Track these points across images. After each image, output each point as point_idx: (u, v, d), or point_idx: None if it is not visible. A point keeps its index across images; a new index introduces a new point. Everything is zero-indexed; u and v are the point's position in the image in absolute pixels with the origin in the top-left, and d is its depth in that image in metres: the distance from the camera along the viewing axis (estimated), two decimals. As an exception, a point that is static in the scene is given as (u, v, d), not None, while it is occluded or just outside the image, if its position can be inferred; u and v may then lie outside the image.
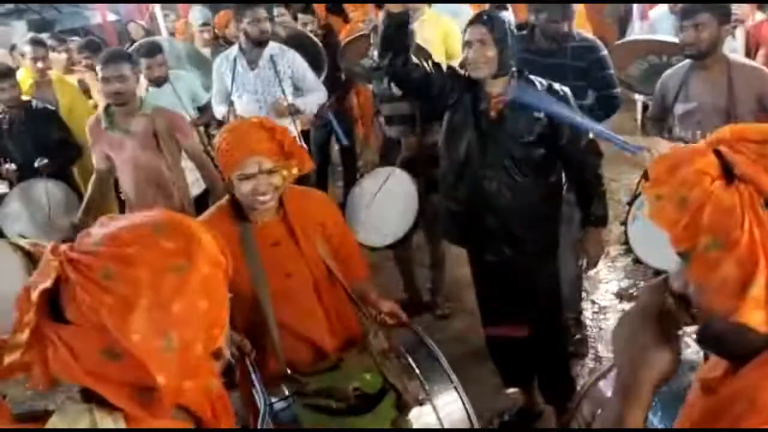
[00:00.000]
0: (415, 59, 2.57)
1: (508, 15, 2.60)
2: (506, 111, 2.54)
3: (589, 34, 3.50)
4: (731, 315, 0.81)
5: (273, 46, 3.97)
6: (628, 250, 3.12)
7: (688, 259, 0.85)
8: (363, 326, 2.13)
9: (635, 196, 3.03)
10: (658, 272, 2.72)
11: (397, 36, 2.50)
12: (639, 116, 4.31)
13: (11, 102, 3.98)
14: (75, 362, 0.79)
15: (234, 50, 4.01)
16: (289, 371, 1.96)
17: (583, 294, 3.80)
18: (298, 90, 4.02)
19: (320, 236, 2.14)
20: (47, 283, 0.79)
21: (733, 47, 3.77)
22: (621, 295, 3.94)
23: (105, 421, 0.80)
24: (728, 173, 0.84)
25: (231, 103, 3.88)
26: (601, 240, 2.79)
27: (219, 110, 4.03)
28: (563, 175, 2.72)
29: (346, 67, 4.43)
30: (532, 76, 2.58)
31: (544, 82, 2.57)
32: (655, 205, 0.87)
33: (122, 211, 3.74)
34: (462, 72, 2.63)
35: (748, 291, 0.80)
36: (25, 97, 4.14)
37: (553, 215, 2.74)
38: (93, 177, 3.38)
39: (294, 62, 3.97)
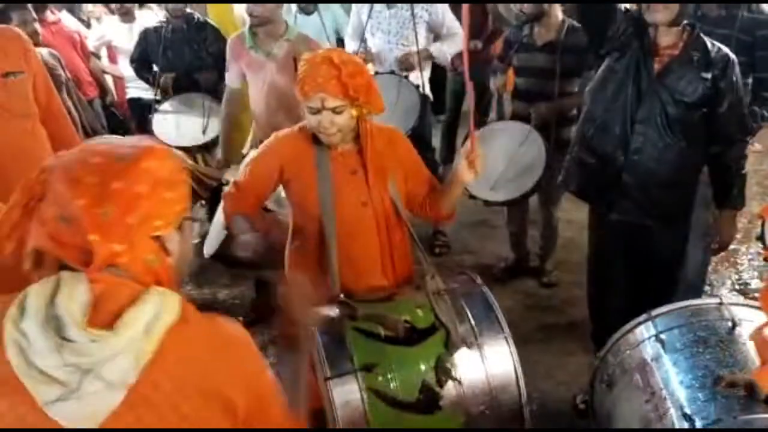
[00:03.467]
0: None
1: None
2: (672, 65, 2.43)
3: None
4: None
5: None
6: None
7: None
8: (420, 269, 2.11)
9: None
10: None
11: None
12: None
13: (175, 11, 4.13)
14: (41, 227, 0.98)
15: (384, -18, 3.92)
16: (342, 296, 2.00)
17: (707, 288, 3.49)
18: (434, 34, 3.92)
19: (400, 173, 2.14)
20: None
21: None
22: (741, 292, 3.62)
23: (68, 278, 0.98)
24: None
25: (364, 40, 3.89)
26: (735, 223, 2.67)
27: (350, 45, 4.03)
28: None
29: (495, 11, 4.27)
30: (704, 36, 2.44)
31: (715, 44, 2.44)
32: None
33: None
34: (636, 16, 2.50)
35: None
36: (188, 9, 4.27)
37: (692, 184, 2.63)
38: (225, 99, 3.50)
39: (433, 5, 3.86)
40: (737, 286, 3.77)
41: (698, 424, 1.64)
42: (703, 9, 2.99)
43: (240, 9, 4.27)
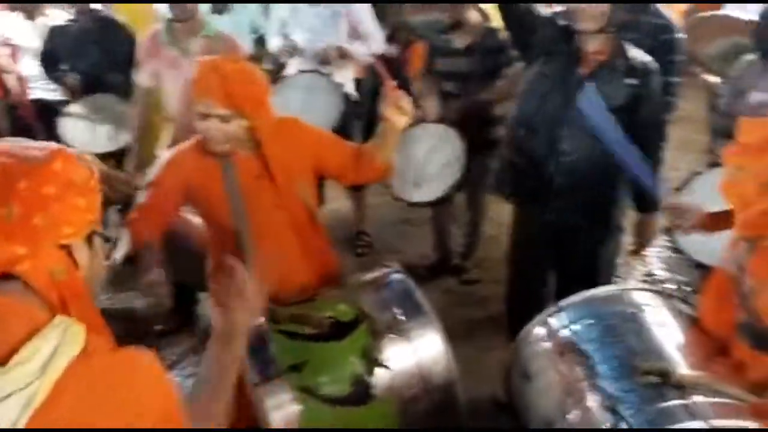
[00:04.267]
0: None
1: None
2: (599, 71, 2.50)
3: (667, 11, 3.26)
4: None
5: None
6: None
7: (751, 248, 0.75)
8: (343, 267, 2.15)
9: (686, 182, 2.86)
10: (699, 265, 2.58)
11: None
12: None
13: (82, 9, 3.98)
14: None
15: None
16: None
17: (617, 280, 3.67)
18: (354, 34, 3.94)
19: (308, 162, 2.10)
20: None
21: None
22: (650, 283, 3.78)
23: None
24: None
25: (286, 37, 3.87)
26: (655, 225, 2.75)
27: (273, 42, 4.00)
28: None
29: (402, 21, 4.33)
30: (625, 43, 2.54)
31: (637, 50, 2.54)
32: (733, 176, 0.77)
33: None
34: (562, 23, 2.58)
35: None
36: (96, 6, 4.10)
37: (620, 187, 2.69)
38: (137, 99, 3.37)
39: (354, 5, 3.88)
40: (645, 278, 3.95)
41: (623, 413, 1.66)
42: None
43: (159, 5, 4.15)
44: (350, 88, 3.92)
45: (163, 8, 3.49)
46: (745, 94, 2.84)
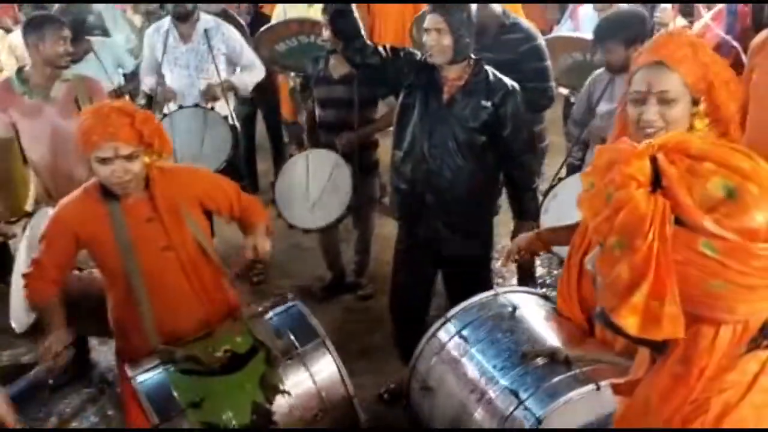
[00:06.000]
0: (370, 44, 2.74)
1: (466, 6, 2.67)
2: (457, 95, 2.68)
3: (525, 22, 3.53)
4: (611, 312, 0.89)
5: (207, 20, 3.94)
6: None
7: (600, 250, 0.90)
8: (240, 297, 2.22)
9: (551, 188, 3.12)
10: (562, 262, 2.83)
11: (342, 23, 2.70)
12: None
13: None
14: None
15: (167, 22, 3.95)
16: (160, 345, 2.01)
17: (500, 281, 3.92)
18: (232, 66, 4.01)
19: (197, 209, 2.18)
20: None
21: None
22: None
23: None
24: (657, 181, 0.87)
25: (161, 76, 3.86)
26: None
27: (147, 82, 3.99)
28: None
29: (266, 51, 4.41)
30: (487, 67, 2.73)
31: (497, 74, 2.73)
32: (587, 192, 0.92)
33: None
34: (419, 55, 2.77)
35: (630, 296, 0.86)
36: None
37: (488, 201, 2.93)
38: None
39: (229, 38, 3.95)
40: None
41: (523, 396, 1.83)
42: None
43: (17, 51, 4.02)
44: (234, 120, 3.97)
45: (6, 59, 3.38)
46: (594, 104, 3.15)
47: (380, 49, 2.77)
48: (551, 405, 1.75)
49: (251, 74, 4.05)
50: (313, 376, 1.92)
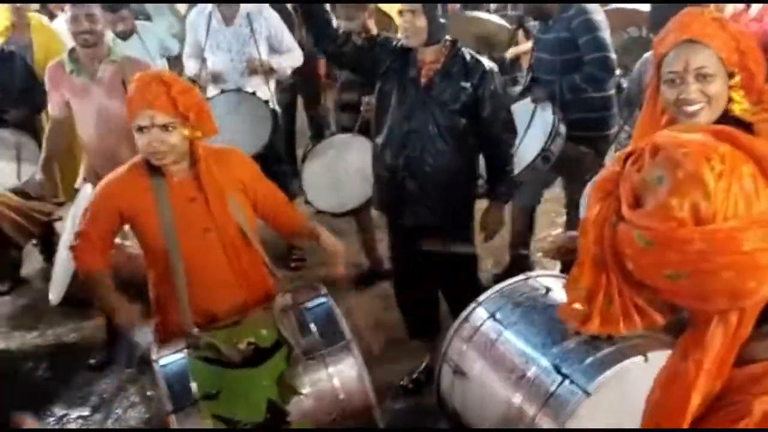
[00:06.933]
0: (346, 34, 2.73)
1: None
2: (436, 78, 2.65)
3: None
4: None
5: (250, 4, 3.92)
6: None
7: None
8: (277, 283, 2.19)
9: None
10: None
11: (311, 12, 2.68)
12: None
13: None
14: None
15: (209, 5, 3.94)
16: (195, 327, 2.00)
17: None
18: (273, 50, 3.99)
19: (240, 193, 2.16)
20: None
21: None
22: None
23: None
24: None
25: (203, 60, 3.86)
26: (503, 215, 2.94)
27: (190, 65, 4.00)
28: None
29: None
30: (463, 48, 2.70)
31: (474, 55, 2.70)
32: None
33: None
34: (395, 41, 2.73)
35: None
36: None
37: (469, 184, 2.88)
38: (48, 127, 3.32)
39: (270, 21, 3.93)
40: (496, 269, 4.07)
41: (567, 371, 1.81)
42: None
43: (63, 36, 4.09)
44: (275, 104, 3.97)
45: (67, 38, 3.44)
46: (646, 82, 3.02)
47: (354, 38, 2.75)
48: (599, 378, 1.73)
49: (290, 58, 4.03)
50: (335, 379, 1.88)
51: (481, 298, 2.18)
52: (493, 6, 6.02)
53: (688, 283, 0.81)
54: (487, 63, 2.72)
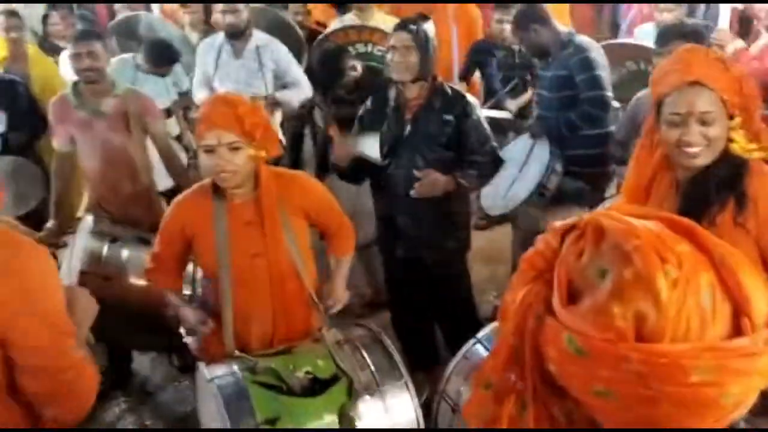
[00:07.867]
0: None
1: (431, 25, 2.75)
2: (420, 113, 2.71)
3: (579, 37, 3.49)
4: None
5: (259, 37, 4.01)
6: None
7: None
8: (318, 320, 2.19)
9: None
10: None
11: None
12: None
13: None
14: None
15: (220, 37, 4.02)
16: (237, 352, 2.01)
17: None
18: (279, 82, 4.05)
19: (299, 220, 2.16)
20: None
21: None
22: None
23: None
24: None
25: (212, 90, 3.91)
26: (442, 184, 2.78)
27: (199, 96, 4.02)
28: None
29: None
30: (444, 83, 2.78)
31: (454, 89, 2.78)
32: None
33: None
34: (381, 82, 2.86)
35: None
36: None
37: (462, 213, 2.94)
38: (54, 163, 3.28)
39: (279, 55, 4.01)
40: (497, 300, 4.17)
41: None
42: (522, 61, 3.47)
43: (64, 69, 4.09)
44: (279, 136, 4.01)
45: (69, 73, 3.44)
46: (639, 123, 3.13)
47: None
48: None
49: (297, 92, 4.08)
50: (391, 417, 1.88)
51: (480, 334, 2.12)
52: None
53: (619, 405, 0.68)
54: (468, 95, 2.77)
